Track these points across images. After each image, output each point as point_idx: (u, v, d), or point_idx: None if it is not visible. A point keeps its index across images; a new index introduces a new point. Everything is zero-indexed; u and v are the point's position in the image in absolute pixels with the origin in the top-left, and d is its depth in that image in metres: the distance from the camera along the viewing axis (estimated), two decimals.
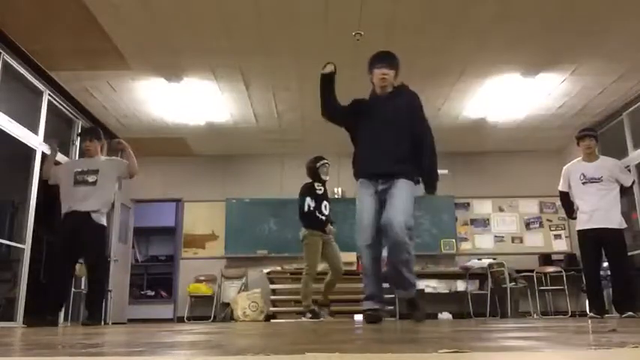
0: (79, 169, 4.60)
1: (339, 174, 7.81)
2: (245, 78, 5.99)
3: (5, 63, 5.03)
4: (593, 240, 4.69)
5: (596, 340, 1.25)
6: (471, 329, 2.16)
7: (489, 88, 6.28)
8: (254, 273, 8.06)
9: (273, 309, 7.31)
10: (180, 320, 7.84)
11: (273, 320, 6.97)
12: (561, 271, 7.23)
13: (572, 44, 5.29)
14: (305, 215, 5.47)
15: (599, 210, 4.66)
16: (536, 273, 7.39)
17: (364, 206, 3.42)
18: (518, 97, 6.54)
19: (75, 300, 6.35)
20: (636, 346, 0.93)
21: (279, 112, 6.99)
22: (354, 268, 7.38)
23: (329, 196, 5.68)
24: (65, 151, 6.39)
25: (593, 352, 0.93)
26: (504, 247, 8.31)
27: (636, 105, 6.57)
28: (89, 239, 4.48)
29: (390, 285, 3.50)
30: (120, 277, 7.81)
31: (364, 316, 3.42)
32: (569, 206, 4.94)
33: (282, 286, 7.46)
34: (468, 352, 0.89)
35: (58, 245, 4.55)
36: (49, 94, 5.84)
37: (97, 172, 4.56)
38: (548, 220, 8.45)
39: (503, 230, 8.47)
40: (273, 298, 7.40)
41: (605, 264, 4.96)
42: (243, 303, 7.33)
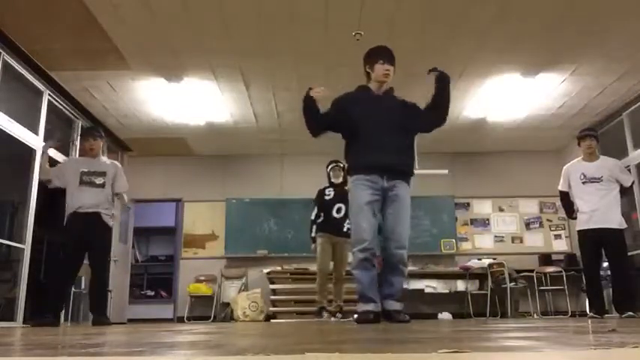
0: (84, 169, 4.62)
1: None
2: (245, 78, 5.99)
3: (5, 63, 5.03)
4: (593, 240, 4.69)
5: (596, 340, 1.25)
6: (471, 329, 2.16)
7: (489, 88, 6.28)
8: (254, 273, 8.06)
9: (273, 309, 7.31)
10: (180, 320, 7.83)
11: (273, 320, 6.97)
12: (561, 271, 7.23)
13: (572, 44, 5.29)
14: (312, 221, 5.65)
15: (599, 210, 4.66)
16: (536, 273, 7.38)
17: (364, 212, 3.29)
18: (518, 97, 6.54)
19: (75, 300, 6.35)
20: (636, 346, 0.93)
21: (279, 112, 6.99)
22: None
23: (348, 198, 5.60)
24: (65, 152, 6.39)
25: (593, 352, 0.93)
26: (504, 247, 8.31)
27: (636, 105, 6.57)
28: (99, 240, 4.56)
29: (382, 293, 3.37)
30: (120, 277, 7.81)
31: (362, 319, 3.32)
32: (569, 206, 4.93)
33: (282, 286, 7.46)
34: (468, 352, 0.89)
35: (68, 246, 4.56)
36: (49, 94, 5.84)
37: (104, 175, 4.62)
38: (548, 220, 8.45)
39: (503, 230, 8.47)
40: (273, 298, 7.40)
41: (605, 264, 4.96)
42: (243, 303, 7.33)
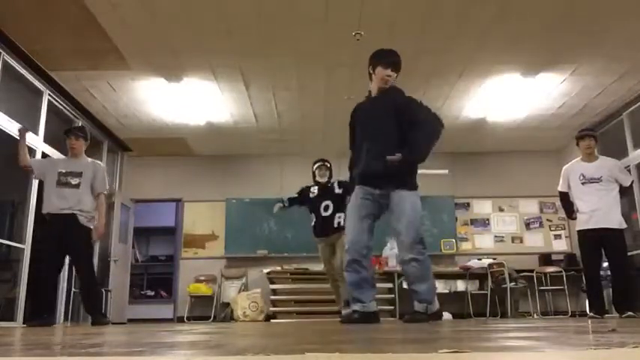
0: (62, 169, 4.55)
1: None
2: (245, 78, 5.99)
3: (5, 63, 5.03)
4: (593, 240, 4.69)
5: (596, 340, 1.25)
6: (471, 329, 2.16)
7: (489, 88, 6.28)
8: (254, 273, 8.06)
9: (273, 309, 7.31)
10: (180, 320, 7.84)
11: (273, 320, 6.97)
12: (561, 271, 7.23)
13: (572, 44, 5.29)
14: (289, 198, 5.69)
15: (598, 210, 4.66)
16: (536, 273, 7.38)
17: (354, 221, 3.30)
18: (518, 97, 6.54)
19: (75, 300, 6.35)
20: (636, 346, 0.93)
21: (279, 112, 6.99)
22: None
23: (334, 192, 5.47)
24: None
25: (593, 352, 0.93)
26: (504, 247, 8.31)
27: (636, 105, 6.57)
28: (76, 241, 4.46)
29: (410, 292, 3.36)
30: (120, 277, 7.80)
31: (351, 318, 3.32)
32: (569, 207, 4.93)
33: (282, 286, 7.46)
34: (468, 352, 0.89)
35: (45, 246, 4.52)
36: (49, 94, 5.84)
37: (80, 175, 4.53)
38: (548, 220, 8.45)
39: (503, 230, 8.47)
40: (273, 298, 7.40)
41: (605, 264, 4.96)
42: (243, 303, 7.33)
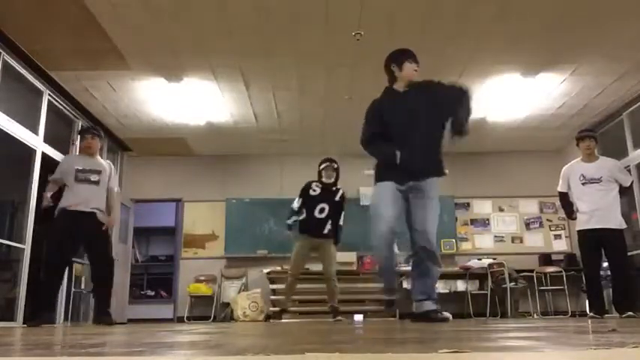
0: (79, 166, 4.62)
1: (339, 174, 7.81)
2: (245, 78, 5.99)
3: (5, 63, 5.03)
4: (593, 240, 4.69)
5: (596, 340, 1.25)
6: (471, 329, 2.16)
7: (489, 88, 6.28)
8: (254, 273, 8.06)
9: (273, 309, 7.30)
10: (180, 320, 7.83)
11: (273, 320, 6.97)
12: (561, 271, 7.23)
13: (572, 44, 5.29)
14: (291, 209, 5.50)
15: (599, 210, 4.66)
16: (536, 273, 7.38)
17: (383, 210, 3.29)
18: (518, 97, 6.54)
19: (75, 300, 6.35)
20: (636, 346, 0.93)
21: (279, 112, 6.99)
22: (353, 268, 7.39)
23: (334, 199, 5.46)
24: (65, 151, 6.39)
25: (593, 352, 0.93)
26: (504, 247, 8.31)
27: (636, 105, 6.56)
28: (97, 238, 4.53)
29: (413, 293, 3.36)
30: (120, 277, 7.79)
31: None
32: (568, 207, 4.94)
33: (282, 286, 7.44)
34: (468, 352, 0.89)
35: (56, 242, 4.51)
36: (49, 94, 5.84)
37: (99, 173, 4.62)
38: (548, 220, 8.45)
39: (503, 230, 8.47)
40: (273, 298, 7.40)
41: (605, 264, 4.96)
42: (243, 303, 7.33)
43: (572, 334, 1.67)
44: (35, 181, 5.51)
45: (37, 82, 5.62)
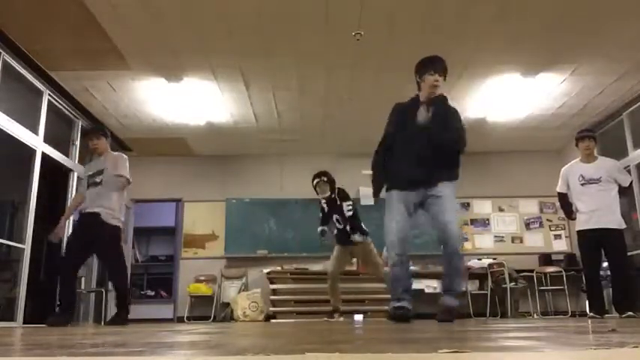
0: (90, 172, 4.71)
1: (339, 174, 7.80)
2: (245, 78, 5.99)
3: (5, 63, 5.03)
4: (592, 240, 4.69)
5: (596, 340, 1.25)
6: (471, 329, 2.16)
7: (489, 88, 6.28)
8: (254, 273, 8.06)
9: (273, 309, 7.31)
10: (180, 320, 7.83)
11: (273, 320, 6.97)
12: (561, 271, 7.23)
13: (572, 44, 5.29)
14: (320, 219, 5.62)
15: (598, 210, 4.66)
16: (536, 273, 7.38)
17: (395, 220, 3.41)
18: (518, 97, 6.54)
19: (77, 300, 6.35)
20: (636, 346, 0.93)
21: (279, 112, 6.99)
22: (353, 268, 7.39)
23: (340, 207, 5.46)
24: (65, 151, 6.40)
25: (593, 352, 0.93)
26: (504, 247, 8.31)
27: (636, 105, 6.57)
28: (101, 240, 4.48)
29: (443, 290, 3.46)
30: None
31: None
32: (568, 207, 4.94)
33: (282, 286, 7.46)
34: (468, 352, 0.89)
35: (68, 242, 4.65)
36: (49, 94, 5.84)
37: (102, 172, 4.60)
38: (548, 220, 8.45)
39: (503, 230, 8.47)
40: (273, 298, 7.40)
41: (605, 264, 4.97)
42: (243, 303, 7.33)
43: (572, 334, 1.67)
44: (35, 181, 5.51)
45: (37, 82, 5.62)
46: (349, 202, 5.44)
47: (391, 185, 3.52)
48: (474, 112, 7.00)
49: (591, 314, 4.65)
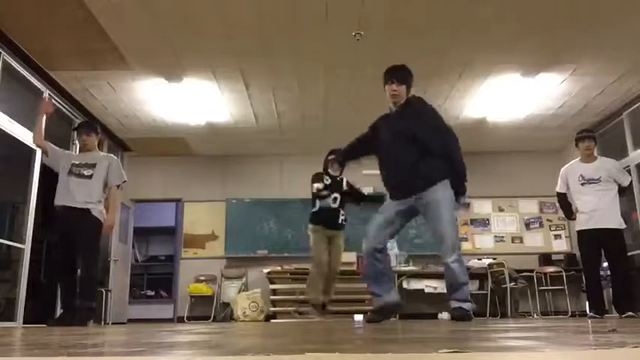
0: (77, 161, 4.50)
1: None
2: (245, 78, 5.99)
3: (5, 63, 5.03)
4: (592, 240, 4.69)
5: (596, 340, 1.25)
6: (471, 329, 2.16)
7: (489, 88, 6.28)
8: (254, 273, 8.06)
9: (273, 309, 7.31)
10: (180, 320, 7.84)
11: (273, 320, 6.97)
12: (561, 271, 7.23)
13: (572, 44, 5.29)
14: (313, 201, 5.41)
15: (598, 210, 4.66)
16: (536, 273, 7.39)
17: (375, 221, 3.51)
18: (518, 97, 6.54)
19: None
20: (636, 346, 0.93)
21: (279, 112, 6.99)
22: (354, 268, 7.38)
23: (342, 189, 5.45)
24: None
25: (593, 352, 0.93)
26: (504, 247, 8.30)
27: (636, 105, 6.56)
28: (85, 233, 4.33)
29: (448, 294, 3.46)
30: (120, 277, 7.81)
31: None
32: (567, 208, 4.94)
33: (282, 286, 7.45)
34: (468, 352, 0.89)
35: (54, 242, 4.46)
36: (49, 94, 5.84)
37: (93, 167, 4.46)
38: (548, 220, 8.45)
39: (503, 230, 8.47)
40: (273, 298, 7.40)
41: (605, 264, 4.96)
42: (243, 303, 7.33)
43: (572, 334, 1.67)
44: (35, 181, 5.51)
45: (37, 82, 5.62)
46: (354, 186, 5.62)
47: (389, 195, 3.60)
48: (474, 112, 7.00)
49: (591, 314, 4.65)
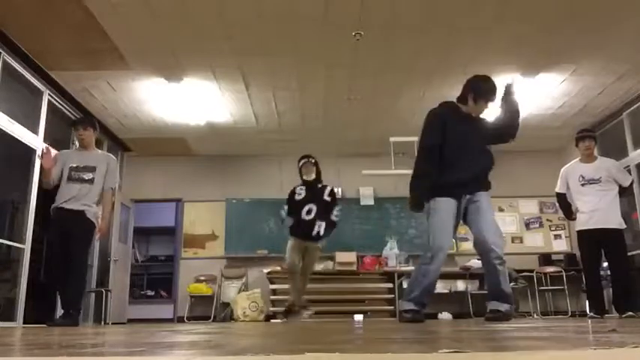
0: (73, 164, 4.44)
1: (339, 174, 7.81)
2: (245, 78, 5.99)
3: (5, 63, 5.03)
4: (592, 240, 4.69)
5: (596, 340, 1.25)
6: (471, 329, 2.16)
7: None
8: (254, 273, 8.06)
9: (273, 309, 7.31)
10: (180, 320, 7.84)
11: (273, 320, 6.97)
12: (561, 271, 7.23)
13: (572, 44, 5.29)
14: (282, 220, 5.45)
15: (598, 210, 4.66)
16: (536, 273, 7.39)
17: (444, 226, 3.63)
18: (518, 97, 6.52)
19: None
20: (636, 346, 0.93)
21: (279, 112, 6.99)
22: (353, 268, 7.39)
23: (322, 197, 5.33)
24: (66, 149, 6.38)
25: (593, 352, 0.93)
26: (504, 247, 8.29)
27: (636, 105, 6.56)
28: (79, 234, 4.32)
29: (489, 297, 3.51)
30: (120, 277, 7.81)
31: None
32: (567, 208, 4.94)
33: (282, 286, 7.45)
34: (468, 352, 0.89)
35: (52, 243, 4.43)
36: (49, 94, 5.84)
37: (94, 170, 4.43)
38: (548, 220, 8.45)
39: (503, 230, 8.40)
40: (273, 298, 7.40)
41: (605, 264, 4.96)
42: (243, 303, 7.33)
43: (572, 334, 1.67)
44: (35, 181, 5.51)
45: (37, 82, 5.62)
46: (339, 208, 5.37)
47: (442, 192, 3.60)
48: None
49: (591, 314, 4.65)
